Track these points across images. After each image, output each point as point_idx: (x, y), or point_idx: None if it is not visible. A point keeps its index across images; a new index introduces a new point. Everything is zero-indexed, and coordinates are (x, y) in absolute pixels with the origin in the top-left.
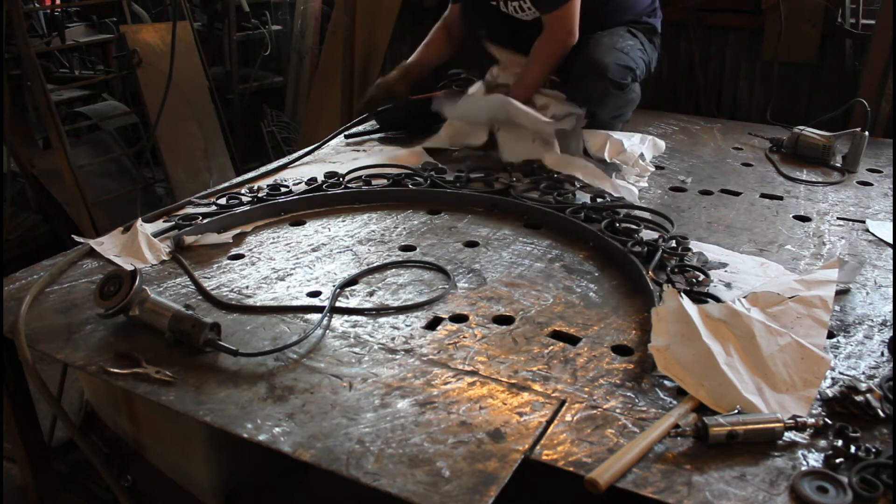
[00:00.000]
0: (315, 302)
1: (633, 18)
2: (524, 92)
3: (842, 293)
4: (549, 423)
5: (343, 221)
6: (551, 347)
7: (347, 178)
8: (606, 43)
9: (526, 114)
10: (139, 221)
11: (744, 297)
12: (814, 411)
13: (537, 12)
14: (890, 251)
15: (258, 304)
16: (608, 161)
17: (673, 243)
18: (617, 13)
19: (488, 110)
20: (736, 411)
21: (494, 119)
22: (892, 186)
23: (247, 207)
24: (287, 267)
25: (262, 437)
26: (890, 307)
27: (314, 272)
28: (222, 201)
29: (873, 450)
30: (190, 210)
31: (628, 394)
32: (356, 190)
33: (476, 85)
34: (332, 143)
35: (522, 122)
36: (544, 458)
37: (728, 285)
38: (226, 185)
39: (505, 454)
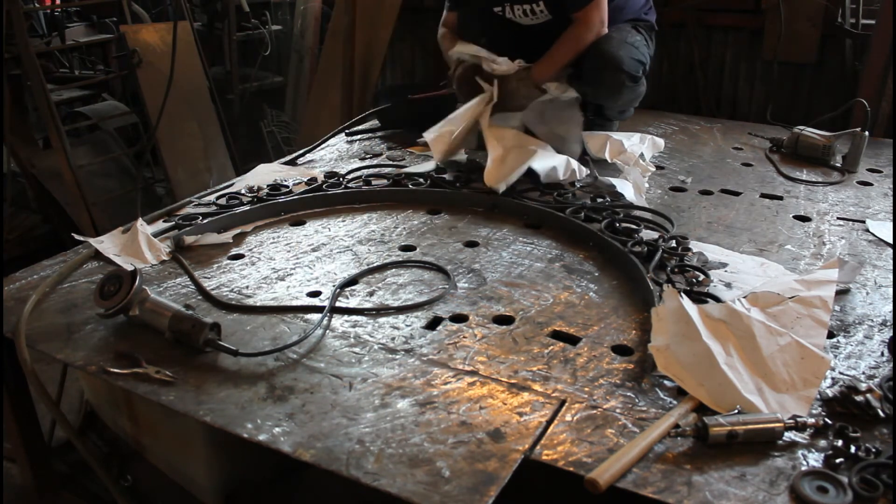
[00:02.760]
0: (315, 302)
1: (634, 17)
2: (550, 69)
3: (842, 293)
4: (549, 423)
5: (343, 221)
6: (551, 347)
7: (347, 178)
8: (617, 38)
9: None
10: (139, 221)
11: (744, 297)
12: (814, 411)
13: (549, 15)
14: (890, 251)
15: (258, 304)
16: (609, 162)
17: (673, 243)
18: (620, 12)
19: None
20: (736, 411)
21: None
22: (892, 186)
23: (247, 207)
24: (287, 267)
25: (262, 437)
26: (890, 307)
27: (314, 272)
28: (222, 201)
29: (873, 450)
30: (190, 210)
31: (628, 394)
32: (356, 190)
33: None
34: (333, 142)
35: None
36: (544, 458)
37: (728, 285)
38: (226, 184)
39: (505, 454)
